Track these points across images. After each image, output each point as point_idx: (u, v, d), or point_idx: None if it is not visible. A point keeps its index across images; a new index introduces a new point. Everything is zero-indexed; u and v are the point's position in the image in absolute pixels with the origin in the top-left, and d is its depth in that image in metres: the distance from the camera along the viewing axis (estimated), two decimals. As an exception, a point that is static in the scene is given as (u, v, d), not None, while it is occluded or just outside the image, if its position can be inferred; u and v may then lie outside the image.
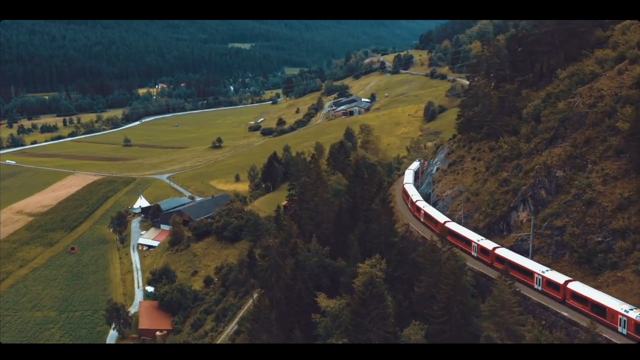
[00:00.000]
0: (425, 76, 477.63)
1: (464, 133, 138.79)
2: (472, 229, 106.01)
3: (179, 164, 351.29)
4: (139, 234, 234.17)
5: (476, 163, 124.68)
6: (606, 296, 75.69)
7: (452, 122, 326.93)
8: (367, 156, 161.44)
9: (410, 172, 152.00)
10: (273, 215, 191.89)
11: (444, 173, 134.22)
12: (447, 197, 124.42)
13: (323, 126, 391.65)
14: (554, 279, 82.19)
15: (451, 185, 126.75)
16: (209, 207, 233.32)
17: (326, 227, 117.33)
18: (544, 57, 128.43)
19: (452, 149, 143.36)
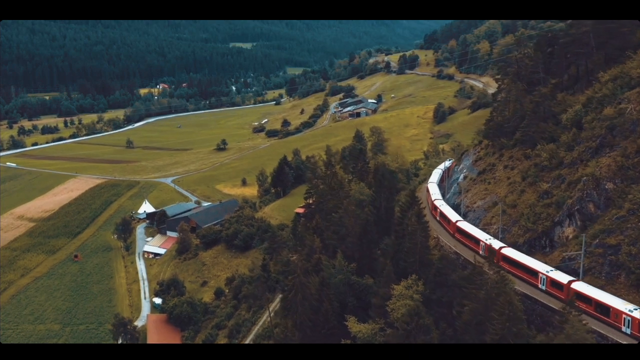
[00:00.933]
0: (432, 76, 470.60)
1: (494, 139, 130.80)
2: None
3: (183, 167, 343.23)
4: (145, 241, 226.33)
5: (510, 172, 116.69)
6: (610, 296, 76.17)
7: (462, 124, 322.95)
8: (388, 162, 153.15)
9: (438, 171, 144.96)
10: (286, 224, 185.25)
11: (473, 182, 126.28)
12: (479, 208, 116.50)
13: (330, 128, 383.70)
14: (557, 279, 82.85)
15: (482, 195, 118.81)
16: (217, 213, 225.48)
17: (351, 241, 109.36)
18: (581, 59, 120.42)
19: (479, 155, 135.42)
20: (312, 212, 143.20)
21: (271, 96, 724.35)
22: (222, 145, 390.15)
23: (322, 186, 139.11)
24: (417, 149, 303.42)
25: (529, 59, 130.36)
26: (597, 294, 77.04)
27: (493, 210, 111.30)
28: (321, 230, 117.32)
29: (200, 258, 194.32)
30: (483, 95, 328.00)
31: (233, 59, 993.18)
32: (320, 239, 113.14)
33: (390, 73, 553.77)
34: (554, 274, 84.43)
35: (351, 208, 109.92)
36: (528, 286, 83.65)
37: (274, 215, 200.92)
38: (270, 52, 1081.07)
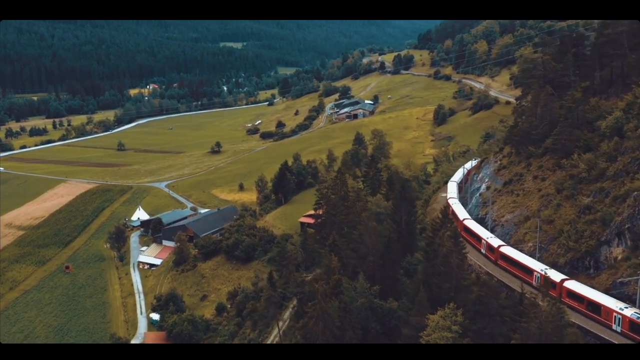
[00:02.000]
0: (428, 77, 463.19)
1: (519, 147, 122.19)
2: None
3: (177, 171, 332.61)
4: (139, 251, 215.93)
5: (540, 183, 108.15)
6: (601, 294, 78.27)
7: (464, 126, 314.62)
8: (401, 170, 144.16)
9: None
10: (290, 234, 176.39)
11: (499, 193, 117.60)
12: (508, 222, 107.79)
13: (327, 130, 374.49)
14: (551, 277, 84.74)
15: (511, 208, 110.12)
16: (215, 221, 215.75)
17: (372, 261, 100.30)
18: (616, 60, 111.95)
19: (502, 164, 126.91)
20: (322, 224, 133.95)
21: (263, 97, 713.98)
22: (216, 148, 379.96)
23: (333, 196, 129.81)
24: (418, 152, 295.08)
25: (555, 61, 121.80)
26: (589, 293, 79.34)
27: (525, 226, 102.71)
28: (338, 248, 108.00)
29: (199, 270, 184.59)
30: (484, 97, 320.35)
31: (224, 58, 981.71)
32: (338, 258, 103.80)
33: (385, 73, 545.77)
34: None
35: (372, 224, 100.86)
36: (588, 321, 78.31)
37: (276, 224, 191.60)
38: (261, 51, 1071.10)
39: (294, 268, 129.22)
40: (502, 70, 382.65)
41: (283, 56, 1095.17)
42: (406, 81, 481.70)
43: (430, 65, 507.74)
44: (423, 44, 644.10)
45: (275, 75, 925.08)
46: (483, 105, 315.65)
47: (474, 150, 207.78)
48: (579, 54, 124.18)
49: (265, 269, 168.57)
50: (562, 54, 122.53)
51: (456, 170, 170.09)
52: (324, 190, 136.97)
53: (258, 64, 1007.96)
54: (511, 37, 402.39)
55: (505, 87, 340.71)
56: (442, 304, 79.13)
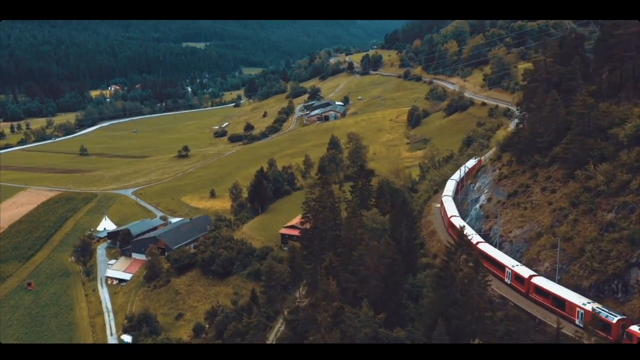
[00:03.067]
0: (398, 77, 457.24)
1: (521, 155, 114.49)
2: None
3: (143, 177, 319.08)
4: (107, 264, 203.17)
5: (550, 195, 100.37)
6: (567, 290, 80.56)
7: (439, 128, 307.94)
8: (392, 179, 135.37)
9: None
10: (270, 246, 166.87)
11: (503, 206, 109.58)
12: (517, 239, 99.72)
13: (298, 133, 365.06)
14: (520, 273, 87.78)
15: (519, 223, 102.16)
16: (188, 232, 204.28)
17: (375, 285, 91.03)
18: (626, 63, 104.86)
19: (503, 173, 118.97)
20: (310, 239, 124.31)
21: (229, 98, 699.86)
22: (183, 152, 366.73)
23: (321, 210, 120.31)
24: (394, 156, 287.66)
25: (559, 64, 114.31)
26: (554, 288, 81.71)
27: (538, 243, 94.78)
28: (335, 270, 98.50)
29: (172, 285, 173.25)
30: (459, 98, 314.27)
31: (187, 59, 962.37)
32: (337, 281, 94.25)
33: (353, 74, 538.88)
34: (518, 268, 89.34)
35: (373, 244, 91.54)
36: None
37: (254, 235, 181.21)
38: (224, 52, 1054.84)
39: (281, 289, 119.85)
40: (474, 70, 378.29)
41: (247, 56, 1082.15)
42: (376, 82, 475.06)
43: (399, 65, 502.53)
44: (390, 44, 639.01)
45: (240, 75, 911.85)
46: (458, 107, 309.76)
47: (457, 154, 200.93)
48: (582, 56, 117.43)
49: (245, 285, 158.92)
50: (565, 56, 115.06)
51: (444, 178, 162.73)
52: (311, 203, 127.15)
53: (222, 64, 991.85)
54: (482, 37, 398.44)
55: (479, 88, 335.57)
56: (462, 337, 70.59)
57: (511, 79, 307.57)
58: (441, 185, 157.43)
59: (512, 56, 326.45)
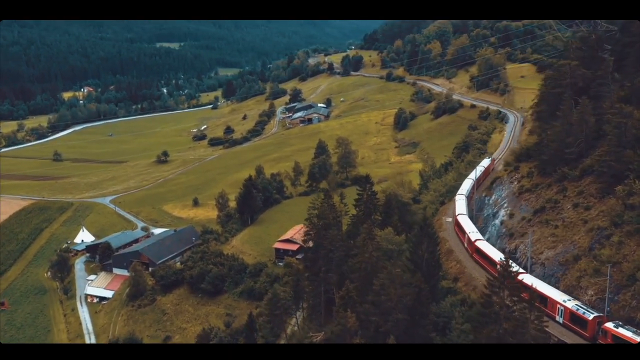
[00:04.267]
0: (381, 78, 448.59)
1: (546, 167, 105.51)
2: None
3: (121, 184, 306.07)
4: (86, 281, 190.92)
5: (585, 213, 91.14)
6: (551, 288, 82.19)
7: (428, 132, 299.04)
8: (400, 192, 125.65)
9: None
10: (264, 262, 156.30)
11: (528, 223, 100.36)
12: (550, 261, 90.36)
13: (282, 136, 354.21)
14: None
15: (550, 243, 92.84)
16: (172, 245, 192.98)
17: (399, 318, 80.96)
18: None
19: (523, 186, 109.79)
20: (313, 259, 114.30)
21: (206, 99, 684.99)
22: (163, 157, 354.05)
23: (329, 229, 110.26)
24: (383, 160, 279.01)
25: (585, 67, 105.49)
26: (539, 286, 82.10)
27: (576, 267, 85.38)
28: (353, 301, 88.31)
29: (158, 305, 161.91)
30: (447, 100, 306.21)
31: (161, 59, 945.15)
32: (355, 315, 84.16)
33: (334, 75, 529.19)
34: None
35: (396, 272, 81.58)
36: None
37: (245, 249, 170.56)
38: (199, 52, 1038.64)
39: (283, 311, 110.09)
40: (460, 71, 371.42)
41: (222, 57, 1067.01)
42: (357, 83, 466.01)
43: (380, 66, 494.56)
44: (370, 44, 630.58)
45: (216, 76, 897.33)
46: (446, 109, 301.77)
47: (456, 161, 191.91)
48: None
49: (238, 304, 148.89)
50: (592, 60, 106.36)
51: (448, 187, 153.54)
52: (313, 220, 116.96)
53: (197, 65, 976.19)
54: (467, 38, 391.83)
55: (466, 90, 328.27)
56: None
57: (500, 81, 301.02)
58: (446, 195, 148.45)
59: (500, 57, 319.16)
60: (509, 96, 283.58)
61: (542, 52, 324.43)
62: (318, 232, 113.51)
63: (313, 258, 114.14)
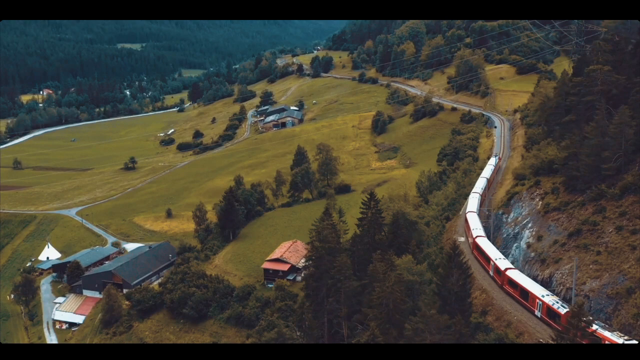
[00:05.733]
0: (353, 80, 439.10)
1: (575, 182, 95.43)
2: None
3: (87, 194, 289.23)
4: (53, 304, 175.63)
5: (632, 237, 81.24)
6: (533, 283, 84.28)
7: (408, 135, 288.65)
8: (407, 210, 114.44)
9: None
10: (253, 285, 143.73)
11: (562, 248, 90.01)
12: (595, 293, 79.98)
13: (255, 141, 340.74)
14: (499, 266, 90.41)
15: (593, 272, 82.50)
16: (148, 263, 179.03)
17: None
18: None
19: (549, 203, 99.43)
20: (316, 288, 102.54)
21: (171, 101, 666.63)
22: (130, 164, 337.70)
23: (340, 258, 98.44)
24: (363, 166, 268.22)
25: (619, 73, 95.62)
26: (522, 280, 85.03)
27: (630, 302, 75.15)
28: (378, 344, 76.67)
29: (136, 332, 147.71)
30: (426, 103, 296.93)
31: (123, 61, 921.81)
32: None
33: (304, 76, 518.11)
34: (500, 262, 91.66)
35: (432, 313, 70.31)
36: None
37: (229, 269, 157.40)
38: (162, 53, 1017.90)
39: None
40: (435, 73, 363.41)
41: (186, 58, 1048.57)
42: (329, 85, 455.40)
43: (351, 67, 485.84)
44: (338, 44, 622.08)
45: (180, 78, 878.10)
46: (426, 112, 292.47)
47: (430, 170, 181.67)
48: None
49: (225, 331, 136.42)
50: (620, 64, 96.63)
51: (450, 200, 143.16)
52: (315, 243, 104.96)
53: (160, 66, 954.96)
54: (441, 38, 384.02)
55: (444, 91, 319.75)
56: None
57: (480, 83, 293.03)
58: (449, 210, 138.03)
59: (479, 58, 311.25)
60: (491, 99, 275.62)
61: (518, 53, 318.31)
62: (321, 257, 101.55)
63: (316, 287, 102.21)
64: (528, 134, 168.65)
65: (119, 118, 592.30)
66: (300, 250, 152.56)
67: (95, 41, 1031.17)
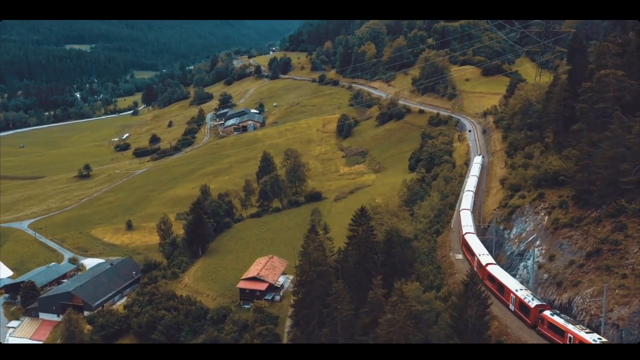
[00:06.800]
0: (313, 82, 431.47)
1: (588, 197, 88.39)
2: None
3: (40, 204, 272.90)
4: (7, 328, 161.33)
5: (660, 259, 74.50)
6: (510, 278, 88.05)
7: (375, 139, 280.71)
8: (400, 227, 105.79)
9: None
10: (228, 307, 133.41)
11: (581, 269, 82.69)
12: (625, 323, 72.71)
13: (216, 146, 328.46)
14: (482, 261, 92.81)
15: (619, 298, 75.32)
16: (110, 282, 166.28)
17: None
18: None
19: (559, 219, 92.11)
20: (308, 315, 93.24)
21: (124, 104, 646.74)
22: (85, 171, 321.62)
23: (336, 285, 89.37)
24: (332, 172, 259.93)
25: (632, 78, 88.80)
26: (500, 275, 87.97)
27: (663, 331, 68.23)
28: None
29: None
30: (392, 105, 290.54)
31: (73, 62, 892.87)
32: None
33: (262, 78, 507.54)
34: (482, 257, 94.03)
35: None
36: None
37: (201, 289, 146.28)
38: (113, 54, 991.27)
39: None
40: (398, 74, 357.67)
41: (137, 59, 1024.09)
42: (289, 87, 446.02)
43: (311, 68, 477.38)
44: (295, 45, 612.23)
45: (133, 80, 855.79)
46: (393, 115, 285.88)
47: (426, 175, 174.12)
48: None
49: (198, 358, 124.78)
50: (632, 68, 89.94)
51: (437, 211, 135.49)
52: (304, 267, 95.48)
53: (111, 68, 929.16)
54: (403, 39, 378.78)
55: (409, 93, 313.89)
56: None
57: (446, 84, 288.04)
58: (437, 222, 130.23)
59: (444, 60, 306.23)
60: (458, 101, 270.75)
61: (481, 54, 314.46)
62: (312, 281, 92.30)
63: (307, 315, 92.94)
64: (509, 139, 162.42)
65: (70, 122, 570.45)
66: (278, 266, 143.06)
67: (42, 42, 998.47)
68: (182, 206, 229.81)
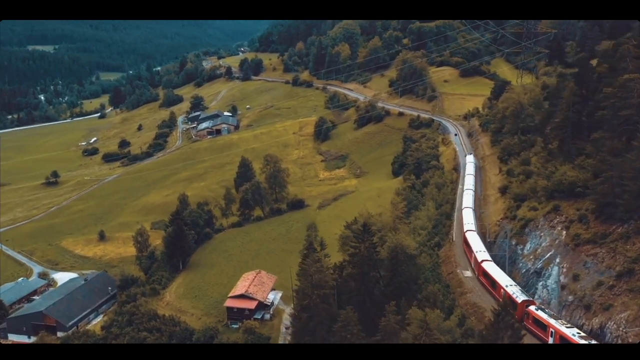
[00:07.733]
0: (286, 83, 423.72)
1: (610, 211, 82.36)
2: None
3: (5, 214, 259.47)
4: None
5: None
6: (501, 273, 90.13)
7: (354, 143, 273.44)
8: (404, 241, 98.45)
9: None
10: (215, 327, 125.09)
11: (611, 291, 76.41)
12: (667, 351, 66.43)
13: (190, 151, 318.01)
14: (478, 259, 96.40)
15: (660, 323, 69.19)
16: (84, 299, 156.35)
17: None
18: None
19: (580, 235, 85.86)
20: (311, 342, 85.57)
21: (90, 107, 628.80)
22: (52, 178, 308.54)
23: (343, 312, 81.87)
24: (311, 177, 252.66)
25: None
26: (494, 272, 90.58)
27: None
28: None
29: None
30: (371, 107, 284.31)
31: (36, 64, 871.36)
32: None
33: (233, 79, 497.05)
34: (479, 254, 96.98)
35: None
36: None
37: (184, 307, 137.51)
38: (77, 55, 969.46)
39: None
40: (374, 76, 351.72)
41: (103, 60, 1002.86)
42: (261, 88, 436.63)
43: (283, 70, 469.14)
44: (265, 46, 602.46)
45: (98, 81, 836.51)
46: (372, 117, 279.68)
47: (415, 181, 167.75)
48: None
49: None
50: None
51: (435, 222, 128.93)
52: (306, 290, 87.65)
53: (76, 69, 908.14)
54: (379, 40, 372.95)
55: (387, 95, 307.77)
56: None
57: (425, 86, 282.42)
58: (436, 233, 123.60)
59: (422, 61, 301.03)
60: (438, 103, 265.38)
61: (457, 55, 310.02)
62: (316, 305, 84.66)
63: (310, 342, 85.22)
64: (502, 143, 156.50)
65: (34, 126, 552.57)
66: (266, 282, 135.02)
67: (3, 43, 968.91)
68: (156, 214, 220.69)
